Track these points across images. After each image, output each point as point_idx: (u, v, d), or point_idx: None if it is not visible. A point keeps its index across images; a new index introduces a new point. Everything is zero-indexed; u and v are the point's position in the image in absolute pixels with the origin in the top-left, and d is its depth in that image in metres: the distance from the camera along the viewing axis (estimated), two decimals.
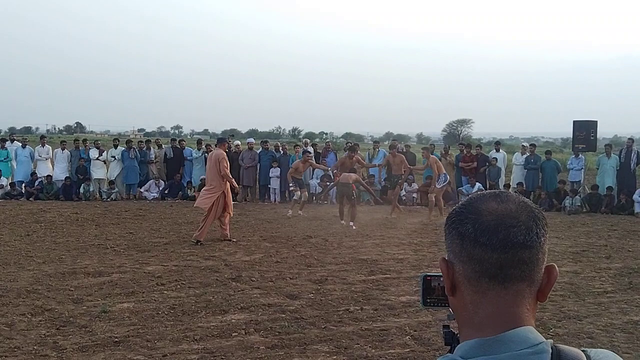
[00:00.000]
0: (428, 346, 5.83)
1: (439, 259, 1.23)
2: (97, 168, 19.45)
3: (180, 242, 11.36)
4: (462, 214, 1.18)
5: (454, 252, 1.18)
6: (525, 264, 1.13)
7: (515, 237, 1.12)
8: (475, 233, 1.13)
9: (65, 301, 7.23)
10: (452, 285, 1.19)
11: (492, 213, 1.15)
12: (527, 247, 1.12)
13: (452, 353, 1.77)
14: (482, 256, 1.13)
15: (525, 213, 1.15)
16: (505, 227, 1.13)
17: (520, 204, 1.17)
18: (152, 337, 5.99)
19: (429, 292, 1.77)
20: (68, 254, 10.00)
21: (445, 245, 1.22)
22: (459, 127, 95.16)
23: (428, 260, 9.83)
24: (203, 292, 7.67)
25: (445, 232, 1.22)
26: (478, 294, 1.15)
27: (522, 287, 1.14)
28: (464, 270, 1.16)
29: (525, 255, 1.12)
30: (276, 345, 5.82)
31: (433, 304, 1.78)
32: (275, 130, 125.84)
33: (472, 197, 1.21)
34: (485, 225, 1.13)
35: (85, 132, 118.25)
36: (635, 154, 17.82)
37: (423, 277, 1.77)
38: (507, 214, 1.14)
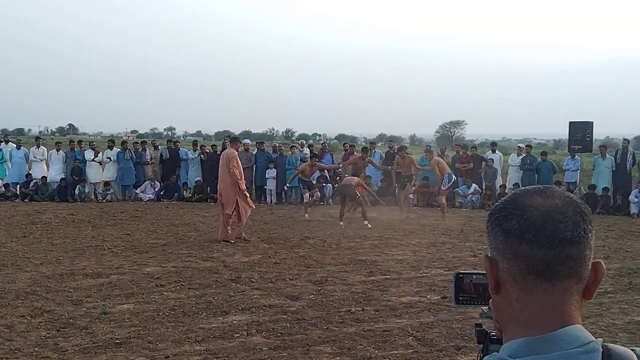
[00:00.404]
0: (431, 347, 5.80)
1: (482, 256, 1.21)
2: (92, 169, 19.37)
3: (178, 243, 11.31)
4: (506, 209, 1.15)
5: (497, 249, 1.15)
6: (572, 261, 1.10)
7: (563, 233, 1.09)
8: (521, 229, 1.11)
9: (64, 302, 7.18)
10: (496, 283, 1.17)
11: (537, 209, 1.12)
12: (574, 243, 1.10)
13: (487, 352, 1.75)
14: (529, 253, 1.10)
15: (572, 208, 1.12)
16: (552, 223, 1.10)
17: (566, 198, 1.14)
18: (153, 339, 5.94)
19: (461, 290, 1.74)
20: (65, 255, 9.94)
21: (488, 242, 1.19)
22: (452, 129, 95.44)
23: (427, 260, 9.82)
24: (203, 293, 7.63)
25: (488, 229, 1.19)
26: (524, 291, 1.12)
27: (569, 284, 1.11)
28: (509, 267, 1.13)
29: (572, 251, 1.10)
30: (279, 346, 5.78)
31: (466, 302, 1.76)
32: (268, 132, 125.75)
33: (515, 193, 1.19)
34: (531, 221, 1.11)
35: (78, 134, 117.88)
36: (631, 154, 17.89)
37: (455, 275, 1.75)
38: (554, 209, 1.12)
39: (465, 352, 5.68)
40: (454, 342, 5.92)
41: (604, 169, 17.78)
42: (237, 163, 11.64)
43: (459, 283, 1.75)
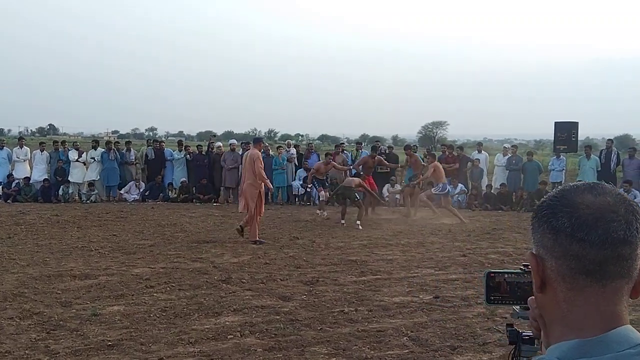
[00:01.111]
0: (426, 347, 5.78)
1: (527, 253, 1.17)
2: (76, 170, 19.18)
3: (166, 244, 11.21)
4: (555, 206, 1.11)
5: (545, 247, 1.12)
6: (624, 261, 1.07)
7: (616, 232, 1.06)
8: (572, 228, 1.07)
9: (53, 304, 7.08)
10: (542, 281, 1.13)
11: (589, 206, 1.08)
12: (627, 242, 1.06)
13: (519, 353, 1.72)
14: (580, 252, 1.07)
15: (624, 206, 1.08)
16: (604, 222, 1.06)
17: (618, 196, 1.10)
18: (146, 341, 5.87)
19: (493, 289, 1.71)
20: (52, 257, 9.81)
21: (533, 239, 1.15)
22: (434, 129, 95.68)
23: (417, 260, 9.81)
24: (194, 295, 7.56)
25: (533, 226, 1.15)
26: (573, 291, 1.09)
27: (620, 285, 1.08)
28: (558, 266, 1.10)
29: (625, 251, 1.06)
30: (273, 347, 5.73)
31: (497, 302, 1.72)
32: (251, 132, 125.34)
33: (564, 189, 1.15)
34: (583, 219, 1.07)
35: (59, 134, 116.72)
36: (615, 154, 18.04)
37: (487, 274, 1.71)
38: (606, 207, 1.08)
39: (460, 352, 5.67)
40: (448, 342, 5.90)
41: (589, 169, 17.90)
42: (261, 164, 11.74)
43: (490, 282, 1.71)
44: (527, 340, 1.64)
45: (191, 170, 19.53)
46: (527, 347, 1.64)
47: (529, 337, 1.65)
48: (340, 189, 14.25)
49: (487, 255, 10.31)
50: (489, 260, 9.84)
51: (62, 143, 20.34)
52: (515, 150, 19.73)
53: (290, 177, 19.05)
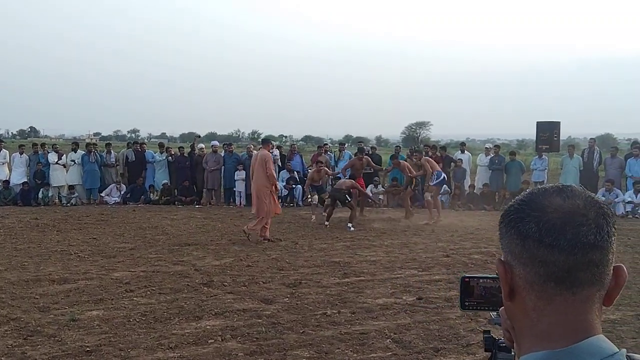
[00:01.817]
0: (410, 349, 5.73)
1: (496, 260, 1.11)
2: (56, 172, 18.97)
3: (146, 247, 11.08)
4: (523, 211, 1.05)
5: (513, 253, 1.06)
6: (595, 267, 1.01)
7: (585, 236, 1.00)
8: (540, 233, 1.02)
9: (31, 310, 6.95)
10: (511, 289, 1.08)
11: (557, 210, 1.03)
12: (597, 247, 1.01)
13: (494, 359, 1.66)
14: (548, 258, 1.01)
15: (594, 209, 1.03)
16: (573, 226, 1.01)
17: (588, 199, 1.05)
18: (125, 346, 5.76)
19: (468, 294, 1.65)
20: (30, 261, 9.66)
21: (502, 245, 1.09)
22: (417, 130, 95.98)
23: (400, 261, 9.77)
24: (174, 298, 7.45)
25: (501, 231, 1.09)
26: (542, 299, 1.03)
27: (591, 292, 1.02)
28: (526, 273, 1.04)
29: (595, 256, 1.01)
30: (255, 351, 5.65)
31: (472, 307, 1.67)
32: (234, 133, 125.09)
33: (532, 192, 1.09)
34: (551, 223, 1.01)
35: (40, 137, 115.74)
36: (598, 154, 18.15)
37: (461, 279, 1.66)
38: (575, 211, 1.02)
39: (443, 354, 5.62)
40: (432, 344, 5.86)
41: (572, 169, 17.97)
42: (272, 165, 11.88)
43: (465, 287, 1.66)
44: (503, 347, 1.59)
45: (173, 173, 19.39)
46: (504, 355, 1.59)
47: (506, 344, 1.60)
48: (332, 191, 14.35)
49: (470, 256, 10.28)
50: (472, 261, 9.82)
51: (41, 145, 20.09)
52: (497, 150, 19.78)
53: None
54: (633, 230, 13.47)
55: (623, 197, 16.79)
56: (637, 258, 10.20)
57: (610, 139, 76.71)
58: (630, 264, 9.60)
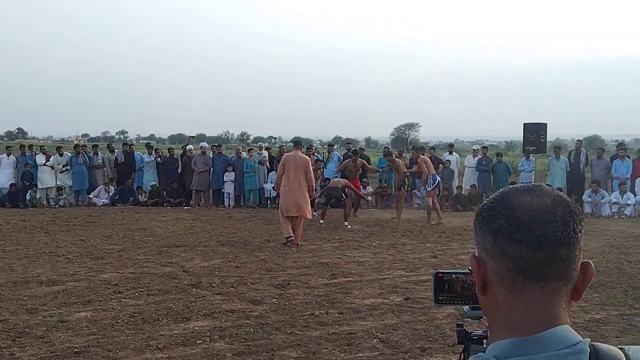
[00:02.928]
0: (396, 349, 5.78)
1: (469, 256, 1.17)
2: (44, 174, 18.90)
3: (135, 248, 11.07)
4: (495, 208, 1.12)
5: (485, 249, 1.12)
6: (562, 262, 1.07)
7: (552, 233, 1.06)
8: (510, 229, 1.08)
9: (19, 311, 6.94)
10: (484, 283, 1.14)
11: (526, 208, 1.09)
12: (564, 243, 1.07)
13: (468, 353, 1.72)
14: (517, 254, 1.07)
15: (562, 207, 1.09)
16: (541, 223, 1.07)
17: (556, 197, 1.11)
18: (113, 347, 5.78)
19: (441, 289, 1.71)
20: (18, 262, 9.64)
21: (475, 241, 1.15)
22: (406, 131, 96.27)
23: (388, 262, 9.82)
24: (163, 300, 7.47)
25: (475, 228, 1.16)
26: (512, 293, 1.09)
27: (558, 286, 1.08)
28: (497, 268, 1.10)
29: (562, 252, 1.07)
30: (243, 352, 5.68)
31: (446, 302, 1.72)
32: (223, 135, 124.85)
33: (504, 191, 1.16)
34: (520, 220, 1.07)
35: (28, 138, 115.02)
36: (584, 155, 18.28)
37: (435, 274, 1.71)
38: (543, 208, 1.08)
39: (430, 354, 5.67)
40: (418, 344, 5.91)
41: (558, 170, 18.10)
42: (311, 167, 11.90)
43: (438, 282, 1.72)
44: (475, 340, 1.64)
45: (161, 174, 19.37)
46: (476, 347, 1.64)
47: (478, 336, 1.65)
48: (327, 190, 14.62)
49: (457, 256, 10.36)
50: (459, 261, 9.88)
51: (29, 147, 20.02)
52: (485, 151, 19.92)
53: (262, 180, 18.99)
54: (618, 231, 13.60)
55: (609, 198, 16.94)
56: (622, 258, 10.30)
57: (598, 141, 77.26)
58: (615, 264, 9.70)
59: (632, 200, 16.66)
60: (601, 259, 10.05)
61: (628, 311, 7.06)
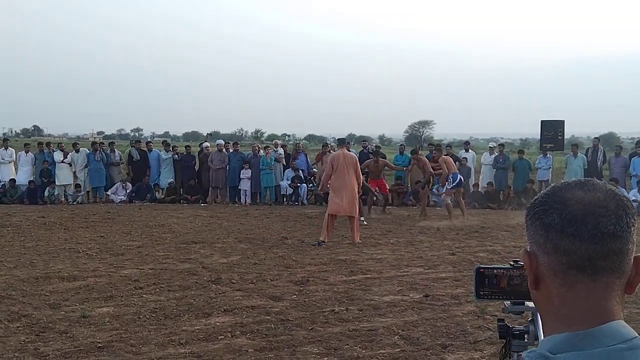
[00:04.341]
0: (418, 345, 5.79)
1: (522, 251, 1.18)
2: (62, 171, 19.05)
3: (154, 244, 11.15)
4: (547, 203, 1.12)
5: (537, 243, 1.13)
6: (615, 255, 1.07)
7: (605, 227, 1.06)
8: (562, 223, 1.08)
9: (42, 306, 7.02)
10: (536, 278, 1.14)
11: (579, 202, 1.09)
12: (617, 237, 1.07)
13: (509, 347, 1.73)
14: (570, 248, 1.07)
15: (614, 201, 1.10)
16: (594, 217, 1.07)
17: (608, 191, 1.11)
18: (136, 342, 5.83)
19: (482, 284, 1.72)
20: (39, 258, 9.73)
21: (527, 236, 1.16)
22: (420, 129, 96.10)
23: (407, 259, 9.82)
24: (183, 295, 7.52)
25: (526, 223, 1.16)
26: (565, 287, 1.09)
27: (611, 280, 1.08)
28: (550, 262, 1.10)
29: (615, 245, 1.07)
30: (265, 347, 5.71)
31: (487, 297, 1.73)
32: (237, 132, 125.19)
33: (555, 186, 1.16)
34: (573, 215, 1.08)
35: (43, 135, 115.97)
36: (602, 153, 18.19)
37: (476, 270, 1.72)
38: (595, 202, 1.09)
39: (451, 350, 5.67)
40: (440, 341, 5.91)
41: (576, 167, 18.01)
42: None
43: (479, 277, 1.72)
44: (517, 334, 1.65)
45: (178, 171, 19.48)
46: (518, 342, 1.65)
47: (520, 331, 1.66)
48: None
49: (476, 254, 10.34)
50: (478, 259, 9.86)
51: (47, 144, 20.19)
52: (502, 149, 19.87)
53: (278, 177, 19.05)
54: (637, 229, 13.46)
55: (627, 196, 16.81)
56: None
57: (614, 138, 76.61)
58: None
59: None
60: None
61: None
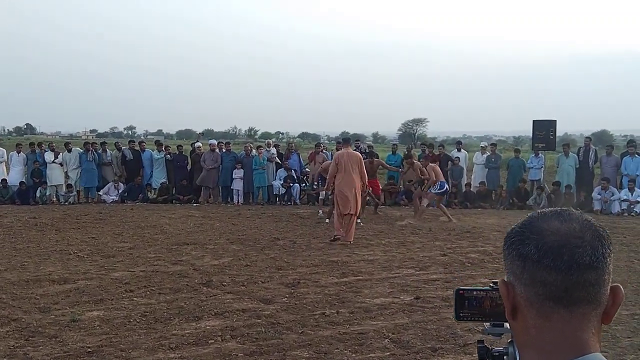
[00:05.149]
0: (408, 349, 5.79)
1: (499, 280, 1.19)
2: (53, 171, 18.97)
3: (145, 246, 11.12)
4: (523, 233, 1.13)
5: (514, 274, 1.14)
6: (591, 286, 1.08)
7: (581, 258, 1.07)
8: (539, 254, 1.09)
9: (32, 310, 7.00)
10: (513, 308, 1.15)
11: (555, 233, 1.10)
12: (593, 268, 1.08)
13: None
14: (546, 279, 1.08)
15: (590, 232, 1.11)
16: (570, 248, 1.08)
17: (584, 222, 1.12)
18: (126, 347, 5.82)
19: (462, 306, 1.72)
20: (30, 261, 9.70)
21: (505, 266, 1.17)
22: (414, 127, 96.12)
23: (398, 260, 9.83)
24: (174, 298, 7.51)
25: (504, 253, 1.17)
26: (542, 317, 1.10)
27: (588, 311, 1.09)
28: (526, 293, 1.11)
29: (591, 276, 1.08)
30: (255, 352, 5.71)
31: (467, 318, 1.73)
32: (231, 130, 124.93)
33: (532, 216, 1.17)
34: (549, 246, 1.09)
35: (36, 134, 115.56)
36: (593, 152, 18.23)
37: (456, 292, 1.72)
38: (571, 233, 1.10)
39: (441, 354, 5.68)
40: (429, 344, 5.92)
41: (568, 167, 18.05)
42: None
43: (459, 299, 1.72)
44: (496, 356, 1.65)
45: (171, 171, 19.43)
46: None
47: (499, 353, 1.66)
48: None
49: (467, 255, 10.35)
50: (469, 260, 9.87)
51: (38, 144, 20.10)
52: (494, 148, 19.90)
53: (271, 177, 19.03)
54: (628, 229, 13.56)
55: (619, 195, 16.89)
56: (632, 257, 10.27)
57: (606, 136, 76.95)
58: (625, 263, 9.68)
59: None
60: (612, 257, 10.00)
61: (639, 311, 7.04)
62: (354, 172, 11.57)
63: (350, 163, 11.59)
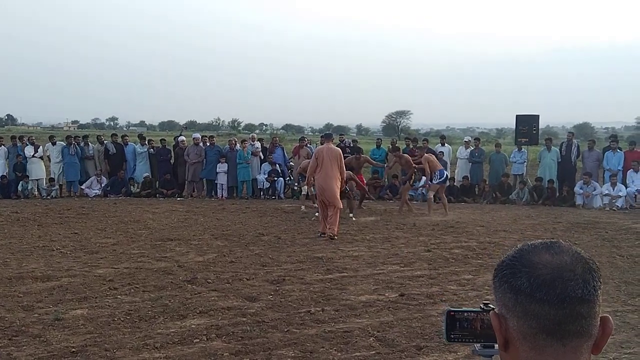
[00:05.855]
0: (392, 347, 5.81)
1: (491, 313, 1.19)
2: (34, 165, 18.80)
3: (129, 242, 11.06)
4: (514, 266, 1.14)
5: (506, 306, 1.14)
6: (583, 319, 1.10)
7: (574, 291, 1.09)
8: (531, 287, 1.10)
9: (14, 309, 6.93)
10: (505, 340, 1.16)
11: (547, 266, 1.11)
12: (585, 301, 1.09)
13: None
14: (539, 312, 1.09)
15: (581, 265, 1.12)
16: (562, 281, 1.09)
17: (574, 255, 1.13)
18: (110, 346, 5.79)
19: (453, 327, 1.73)
20: (12, 257, 9.62)
21: (495, 298, 1.18)
22: (397, 119, 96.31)
23: (383, 257, 9.85)
24: (159, 296, 7.47)
25: (494, 285, 1.18)
26: (534, 350, 1.11)
27: (580, 343, 1.11)
28: (519, 326, 1.12)
29: (583, 310, 1.09)
30: (240, 351, 5.71)
31: (457, 340, 1.74)
32: (214, 122, 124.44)
33: (522, 248, 1.18)
34: (542, 279, 1.10)
35: (17, 125, 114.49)
36: (576, 146, 18.35)
37: (447, 313, 1.73)
38: (563, 266, 1.11)
39: (426, 352, 5.71)
40: (414, 342, 5.94)
41: (550, 161, 18.15)
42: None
43: (450, 320, 1.73)
44: None
45: (154, 165, 19.33)
46: None
47: None
48: None
49: (451, 250, 10.37)
50: (453, 256, 9.90)
51: (19, 138, 19.87)
52: (477, 142, 19.96)
53: (255, 171, 18.99)
54: (610, 224, 13.68)
55: (600, 190, 17.03)
56: (614, 252, 10.36)
57: (588, 128, 77.59)
58: (607, 259, 9.76)
59: (623, 192, 16.74)
60: (593, 252, 10.09)
61: (621, 307, 7.09)
62: (332, 167, 11.72)
63: (329, 158, 11.74)
